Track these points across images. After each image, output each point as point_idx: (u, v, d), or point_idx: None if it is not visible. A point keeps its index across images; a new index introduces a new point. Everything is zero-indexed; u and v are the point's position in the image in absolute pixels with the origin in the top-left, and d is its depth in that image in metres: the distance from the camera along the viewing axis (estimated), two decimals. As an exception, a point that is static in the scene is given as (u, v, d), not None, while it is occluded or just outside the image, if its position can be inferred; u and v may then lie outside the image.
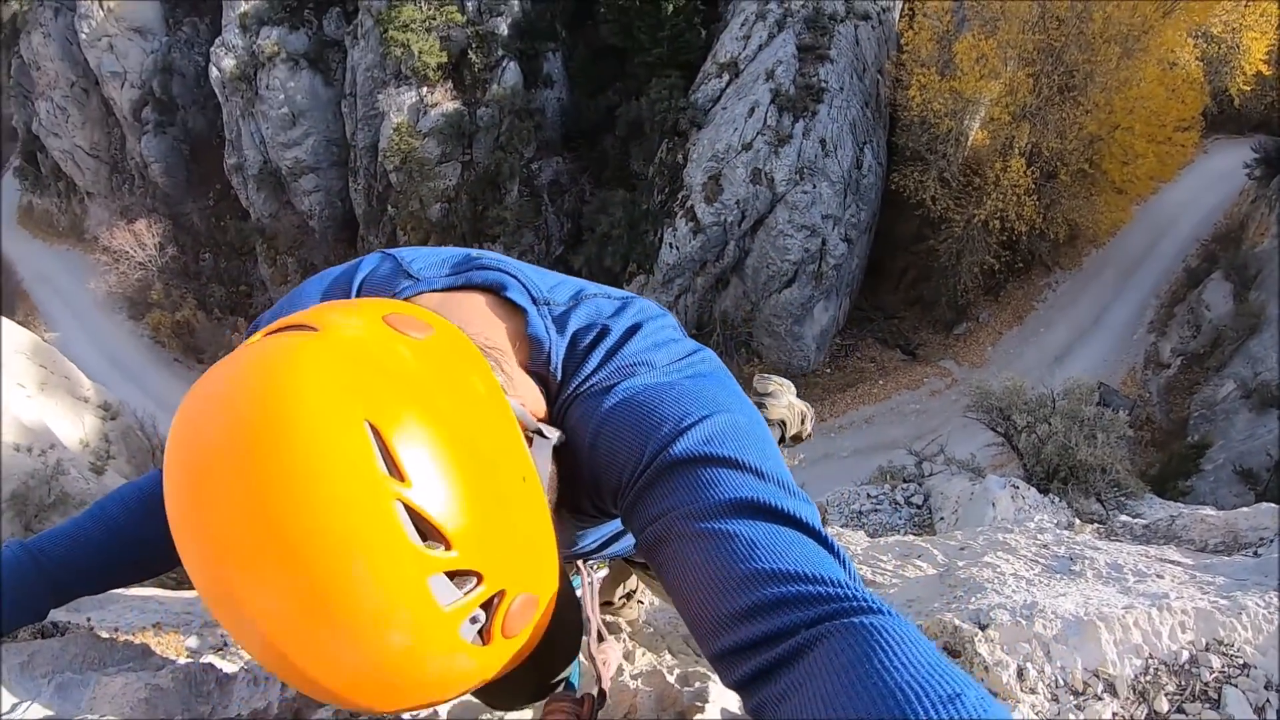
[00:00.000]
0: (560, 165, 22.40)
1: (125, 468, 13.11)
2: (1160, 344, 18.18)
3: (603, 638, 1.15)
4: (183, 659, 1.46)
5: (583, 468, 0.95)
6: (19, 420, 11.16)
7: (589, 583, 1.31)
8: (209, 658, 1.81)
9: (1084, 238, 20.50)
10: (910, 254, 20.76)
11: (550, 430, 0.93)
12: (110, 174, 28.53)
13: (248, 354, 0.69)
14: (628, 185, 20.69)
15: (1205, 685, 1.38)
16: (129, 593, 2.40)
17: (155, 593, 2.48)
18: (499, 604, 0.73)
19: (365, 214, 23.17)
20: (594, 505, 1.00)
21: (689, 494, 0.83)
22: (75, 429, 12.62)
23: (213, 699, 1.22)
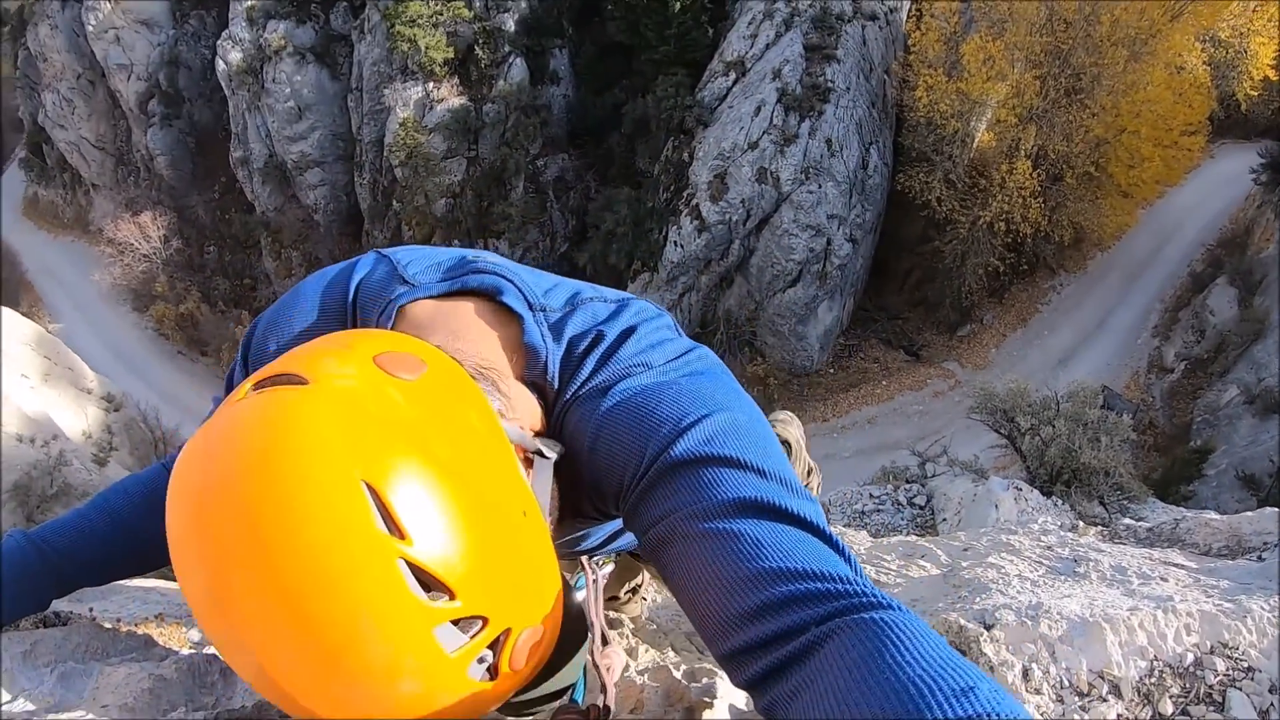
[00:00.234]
0: (566, 162, 22.39)
1: (128, 459, 13.14)
2: (1164, 348, 18.15)
3: (606, 641, 1.14)
4: (186, 650, 1.46)
5: (583, 471, 0.95)
6: (22, 411, 11.18)
7: (594, 580, 1.31)
8: (212, 649, 1.81)
9: (1089, 241, 20.46)
10: (915, 255, 20.71)
11: (550, 448, 0.93)
12: (115, 166, 28.56)
13: (241, 415, 0.69)
14: (633, 183, 20.67)
15: (1210, 688, 1.38)
16: (131, 584, 2.40)
17: (158, 584, 2.48)
18: (505, 641, 0.75)
19: (370, 208, 23.19)
20: (595, 508, 1.00)
21: (691, 495, 0.83)
22: (78, 420, 12.65)
23: (216, 690, 1.22)
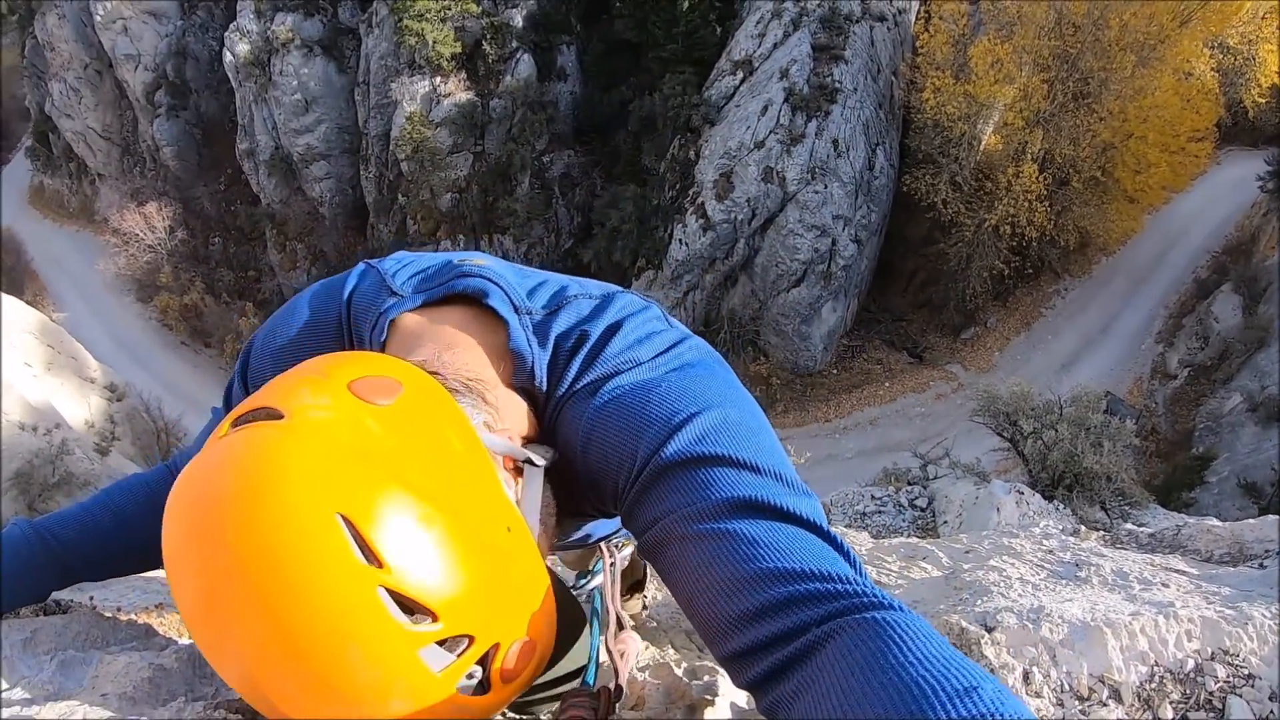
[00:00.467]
0: (572, 159, 22.40)
1: (130, 449, 13.18)
2: (1168, 355, 18.12)
3: (622, 626, 1.14)
4: (186, 639, 1.46)
5: (578, 472, 0.94)
6: (25, 399, 11.20)
7: (611, 564, 1.30)
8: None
9: (1094, 245, 20.46)
10: (920, 257, 20.71)
11: (541, 455, 0.93)
12: (122, 156, 28.62)
13: (220, 456, 0.71)
14: (639, 180, 20.69)
15: (1210, 694, 1.37)
16: (132, 573, 2.41)
17: (158, 574, 2.49)
18: (494, 655, 0.76)
19: (376, 202, 23.21)
20: (595, 507, 0.99)
21: (685, 496, 0.82)
22: (81, 409, 12.68)
23: (216, 679, 1.21)
